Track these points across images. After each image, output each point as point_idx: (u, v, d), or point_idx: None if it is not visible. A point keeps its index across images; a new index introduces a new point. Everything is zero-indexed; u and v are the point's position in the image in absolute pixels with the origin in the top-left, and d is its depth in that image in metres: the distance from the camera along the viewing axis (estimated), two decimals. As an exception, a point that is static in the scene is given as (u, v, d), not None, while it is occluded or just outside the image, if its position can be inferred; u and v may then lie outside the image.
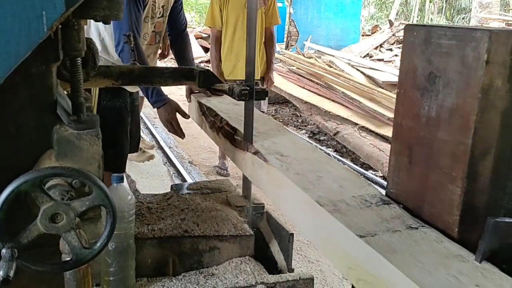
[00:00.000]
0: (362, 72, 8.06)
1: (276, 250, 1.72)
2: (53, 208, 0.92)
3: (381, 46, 11.33)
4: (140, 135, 3.34)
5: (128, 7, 2.31)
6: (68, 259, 0.98)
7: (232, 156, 1.84)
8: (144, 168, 4.75)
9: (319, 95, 7.19)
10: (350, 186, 1.30)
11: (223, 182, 2.09)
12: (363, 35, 13.58)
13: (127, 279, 1.36)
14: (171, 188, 2.08)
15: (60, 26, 1.05)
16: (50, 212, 0.92)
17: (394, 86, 6.56)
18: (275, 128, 1.92)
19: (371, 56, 10.61)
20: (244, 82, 1.72)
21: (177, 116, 2.39)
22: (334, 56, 9.55)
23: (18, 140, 1.06)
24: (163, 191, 1.95)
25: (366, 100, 6.54)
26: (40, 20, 0.82)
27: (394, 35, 11.33)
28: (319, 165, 1.47)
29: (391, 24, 12.09)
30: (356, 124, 6.15)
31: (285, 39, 12.06)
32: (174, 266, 1.52)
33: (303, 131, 6.92)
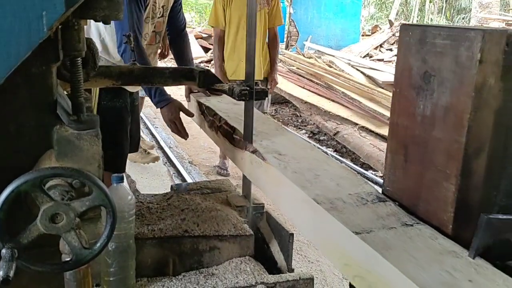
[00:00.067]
0: (362, 72, 8.06)
1: (276, 250, 1.72)
2: (53, 208, 0.92)
3: (381, 46, 11.34)
4: (140, 135, 3.35)
5: (130, 8, 2.32)
6: (68, 259, 0.98)
7: (231, 155, 1.85)
8: (144, 168, 4.76)
9: (319, 95, 7.18)
10: (347, 184, 1.31)
11: (223, 182, 2.10)
12: (363, 35, 13.57)
13: (127, 279, 1.36)
14: (171, 188, 2.08)
15: (60, 26, 1.05)
16: (50, 212, 0.92)
17: (394, 86, 6.54)
18: (274, 127, 1.94)
19: (371, 56, 10.62)
20: (244, 82, 1.73)
21: (180, 115, 2.39)
22: (334, 56, 9.55)
23: (18, 140, 1.06)
24: (163, 191, 1.96)
25: (366, 100, 6.54)
26: (40, 20, 0.82)
27: (394, 35, 11.33)
28: (316, 163, 1.49)
29: (391, 24, 12.10)
30: (356, 124, 6.15)
31: (285, 39, 12.07)
32: (174, 266, 1.52)
33: (303, 131, 6.93)
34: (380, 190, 1.29)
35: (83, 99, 1.13)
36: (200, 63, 10.47)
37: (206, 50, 12.73)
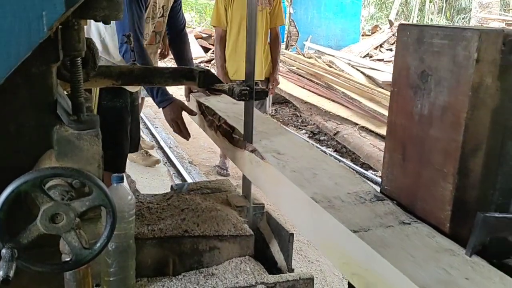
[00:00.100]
0: (362, 72, 8.06)
1: (276, 250, 1.72)
2: (53, 209, 0.92)
3: (381, 46, 11.35)
4: (140, 135, 3.35)
5: (130, 8, 2.32)
6: (68, 259, 0.98)
7: (231, 155, 1.85)
8: (144, 168, 4.76)
9: (319, 95, 7.19)
10: (345, 183, 1.32)
11: (223, 182, 2.10)
12: (363, 35, 13.58)
13: (127, 279, 1.36)
14: (171, 188, 2.08)
15: (60, 26, 1.06)
16: (50, 212, 0.92)
17: (394, 86, 6.54)
18: (273, 127, 1.94)
19: (371, 56, 10.62)
20: (244, 82, 1.73)
21: (183, 115, 2.38)
22: (334, 56, 9.56)
23: (18, 140, 1.06)
24: (163, 191, 1.96)
25: (366, 100, 6.54)
26: (40, 20, 0.82)
27: (394, 35, 11.32)
28: (315, 162, 1.49)
29: (391, 24, 12.11)
30: (356, 124, 6.15)
31: (285, 39, 12.07)
32: (174, 266, 1.52)
33: (303, 131, 6.93)
34: (376, 188, 1.30)
35: (83, 99, 1.13)
36: (200, 63, 10.46)
37: (206, 50, 12.73)
